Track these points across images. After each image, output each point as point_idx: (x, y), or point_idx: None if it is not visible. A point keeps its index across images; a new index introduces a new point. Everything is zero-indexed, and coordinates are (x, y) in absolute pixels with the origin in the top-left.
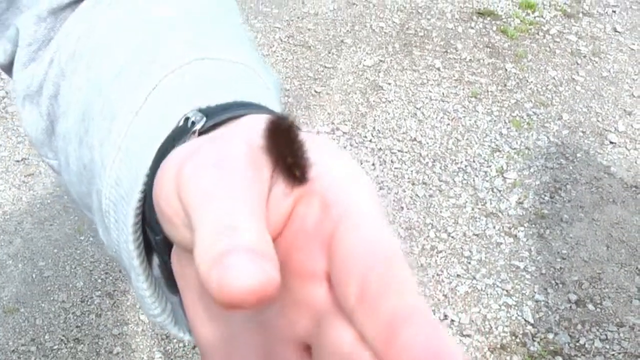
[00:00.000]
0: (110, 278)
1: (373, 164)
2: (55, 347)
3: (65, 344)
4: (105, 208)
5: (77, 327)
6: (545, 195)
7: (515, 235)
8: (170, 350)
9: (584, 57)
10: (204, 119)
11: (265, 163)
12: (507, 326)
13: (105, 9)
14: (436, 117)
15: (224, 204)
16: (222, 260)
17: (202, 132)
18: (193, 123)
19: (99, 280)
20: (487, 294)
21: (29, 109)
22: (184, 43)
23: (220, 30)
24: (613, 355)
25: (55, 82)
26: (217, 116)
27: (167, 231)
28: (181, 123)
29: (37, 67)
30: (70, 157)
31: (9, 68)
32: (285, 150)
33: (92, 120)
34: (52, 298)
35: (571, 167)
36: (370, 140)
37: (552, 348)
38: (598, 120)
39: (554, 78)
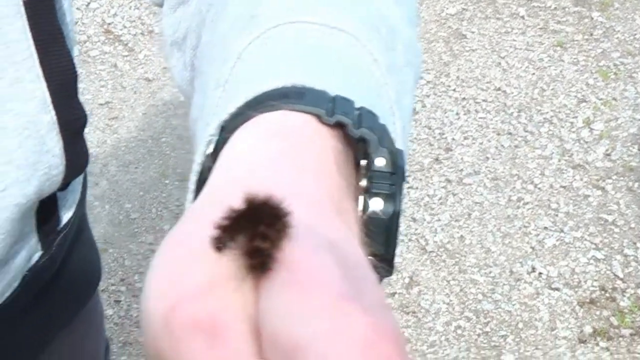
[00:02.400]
0: None
1: (457, 114)
2: None
3: None
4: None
5: None
6: (633, 148)
7: (603, 188)
8: None
9: None
10: (213, 145)
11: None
12: (595, 280)
13: None
14: (521, 67)
15: None
16: None
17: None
18: (210, 142)
19: None
20: (575, 247)
21: (176, 56)
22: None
23: None
24: None
25: (197, 32)
26: (234, 123)
27: None
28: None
29: (184, 13)
30: (189, 121)
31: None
32: (258, 227)
33: (200, 85)
34: (139, 240)
35: None
36: (454, 90)
37: None
38: None
39: None
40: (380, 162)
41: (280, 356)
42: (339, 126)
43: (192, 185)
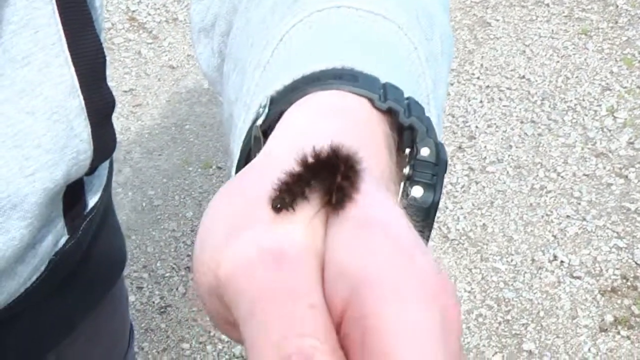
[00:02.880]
0: None
1: (481, 102)
2: (167, 274)
3: (176, 271)
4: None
5: (187, 255)
6: None
7: (626, 177)
8: None
9: None
10: (265, 112)
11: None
12: (617, 269)
13: None
14: (545, 55)
15: (281, 305)
16: None
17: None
18: (259, 114)
19: None
20: (597, 236)
21: (204, 43)
22: None
23: None
24: None
25: (228, 19)
26: (287, 98)
27: (228, 335)
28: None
29: (212, 0)
30: (224, 104)
31: None
32: (339, 167)
33: (234, 69)
34: (162, 227)
35: None
36: (478, 78)
37: None
38: None
39: None
40: (425, 152)
41: (344, 287)
42: (389, 112)
43: (236, 154)
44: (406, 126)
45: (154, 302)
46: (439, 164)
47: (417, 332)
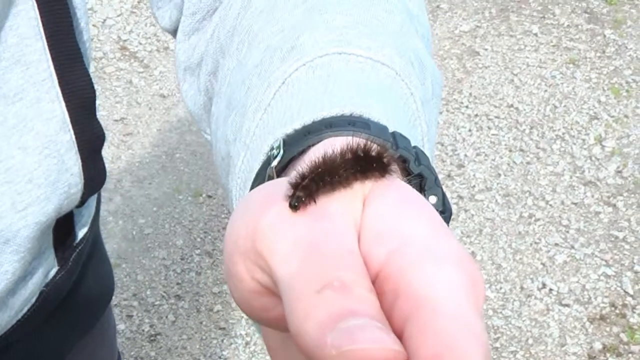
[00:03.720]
0: (209, 237)
1: (469, 130)
2: (157, 302)
3: (166, 300)
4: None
5: (177, 284)
6: None
7: (614, 205)
8: None
9: None
10: (280, 153)
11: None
12: (606, 297)
13: None
14: (533, 84)
15: (318, 250)
16: (336, 324)
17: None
18: (274, 156)
19: (198, 239)
20: (586, 264)
21: (189, 81)
22: (329, 30)
23: (377, 19)
24: None
25: (215, 58)
26: (302, 141)
27: (250, 307)
28: (272, 150)
29: (199, 39)
30: (217, 143)
31: (174, 33)
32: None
33: (232, 109)
34: (152, 255)
35: None
36: (467, 106)
37: None
38: None
39: None
40: (432, 199)
41: (381, 249)
42: (400, 160)
43: (236, 193)
44: (415, 174)
45: (143, 330)
46: (445, 212)
47: (453, 285)
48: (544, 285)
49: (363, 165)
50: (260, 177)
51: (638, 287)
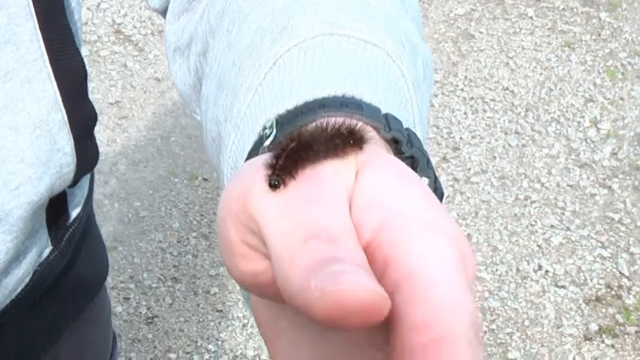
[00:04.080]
0: (206, 220)
1: (465, 113)
2: (154, 285)
3: (163, 282)
4: None
5: (174, 266)
6: (639, 147)
7: (610, 187)
8: None
9: None
10: (273, 132)
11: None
12: (602, 278)
13: None
14: (529, 67)
15: (307, 208)
16: (321, 269)
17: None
18: (266, 135)
19: (194, 222)
20: (582, 246)
21: (179, 62)
22: (321, 12)
23: (366, 2)
24: None
25: (204, 39)
26: (295, 121)
27: (239, 272)
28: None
29: (188, 20)
30: (207, 124)
31: (164, 14)
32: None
33: (223, 90)
34: (149, 238)
35: None
36: (462, 89)
37: None
38: None
39: None
40: (424, 181)
41: (373, 218)
42: (392, 142)
43: (227, 172)
44: (407, 156)
45: (141, 313)
46: (435, 194)
47: (444, 257)
48: (540, 267)
49: (339, 140)
50: (253, 156)
51: (633, 268)
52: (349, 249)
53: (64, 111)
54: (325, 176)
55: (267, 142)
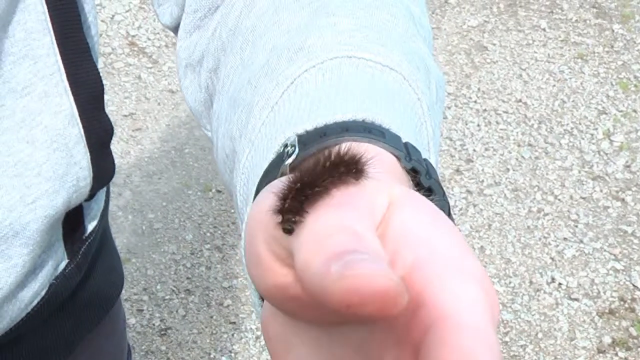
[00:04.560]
0: (219, 232)
1: (478, 125)
2: (167, 297)
3: (176, 294)
4: (240, 205)
5: (187, 278)
6: None
7: (623, 199)
8: None
9: None
10: (296, 151)
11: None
12: (615, 291)
13: None
14: (542, 79)
15: (337, 212)
16: (343, 256)
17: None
18: (288, 153)
19: (208, 234)
20: (595, 258)
21: (190, 78)
22: (337, 33)
23: (383, 23)
24: None
25: (216, 56)
26: (319, 142)
27: (265, 284)
28: (285, 148)
29: (200, 37)
30: (219, 141)
31: (175, 30)
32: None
33: (237, 107)
34: (162, 250)
35: None
36: (475, 101)
37: None
38: None
39: None
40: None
41: (408, 252)
42: (411, 171)
43: (240, 189)
44: (425, 187)
45: (154, 325)
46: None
47: (475, 301)
48: (553, 280)
49: (340, 171)
50: (272, 175)
51: None
52: (373, 245)
53: (80, 125)
54: (356, 197)
55: (289, 161)
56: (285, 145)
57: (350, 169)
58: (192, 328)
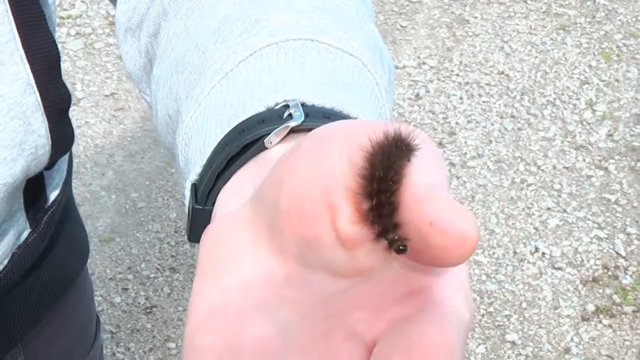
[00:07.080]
0: None
1: (460, 98)
2: (152, 275)
3: (161, 272)
4: (181, 165)
5: (172, 256)
6: (635, 128)
7: (606, 168)
8: None
9: None
10: (302, 118)
11: None
12: (598, 259)
13: None
14: (524, 50)
15: None
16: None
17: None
18: (290, 116)
19: None
20: (578, 227)
21: (130, 43)
22: (295, 12)
23: (336, 4)
24: None
25: (156, 21)
26: (312, 120)
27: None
28: (276, 107)
29: (139, 1)
30: (158, 104)
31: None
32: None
33: (183, 71)
34: (146, 228)
35: None
36: (457, 74)
37: None
38: None
39: None
40: None
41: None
42: None
43: (193, 149)
44: None
45: (139, 303)
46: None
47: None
48: (537, 250)
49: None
50: (240, 138)
51: (630, 248)
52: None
53: (37, 93)
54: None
55: (294, 124)
56: (283, 105)
57: (401, 149)
58: (177, 306)
